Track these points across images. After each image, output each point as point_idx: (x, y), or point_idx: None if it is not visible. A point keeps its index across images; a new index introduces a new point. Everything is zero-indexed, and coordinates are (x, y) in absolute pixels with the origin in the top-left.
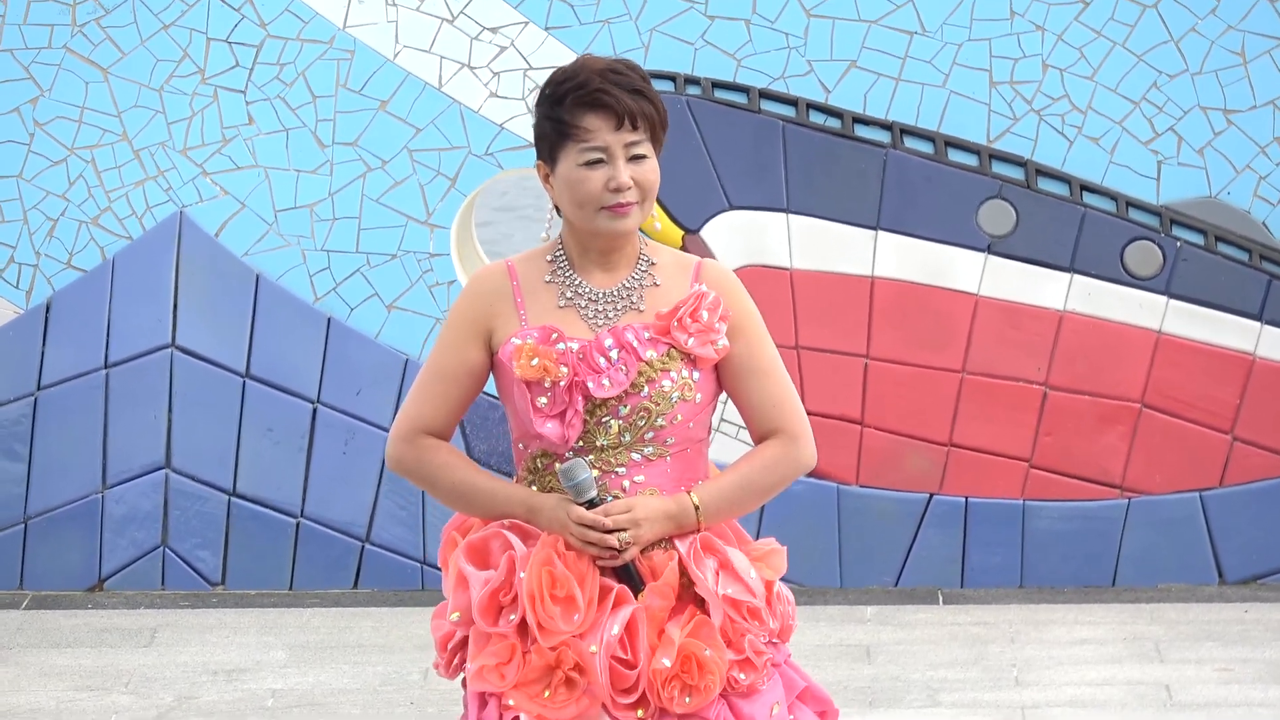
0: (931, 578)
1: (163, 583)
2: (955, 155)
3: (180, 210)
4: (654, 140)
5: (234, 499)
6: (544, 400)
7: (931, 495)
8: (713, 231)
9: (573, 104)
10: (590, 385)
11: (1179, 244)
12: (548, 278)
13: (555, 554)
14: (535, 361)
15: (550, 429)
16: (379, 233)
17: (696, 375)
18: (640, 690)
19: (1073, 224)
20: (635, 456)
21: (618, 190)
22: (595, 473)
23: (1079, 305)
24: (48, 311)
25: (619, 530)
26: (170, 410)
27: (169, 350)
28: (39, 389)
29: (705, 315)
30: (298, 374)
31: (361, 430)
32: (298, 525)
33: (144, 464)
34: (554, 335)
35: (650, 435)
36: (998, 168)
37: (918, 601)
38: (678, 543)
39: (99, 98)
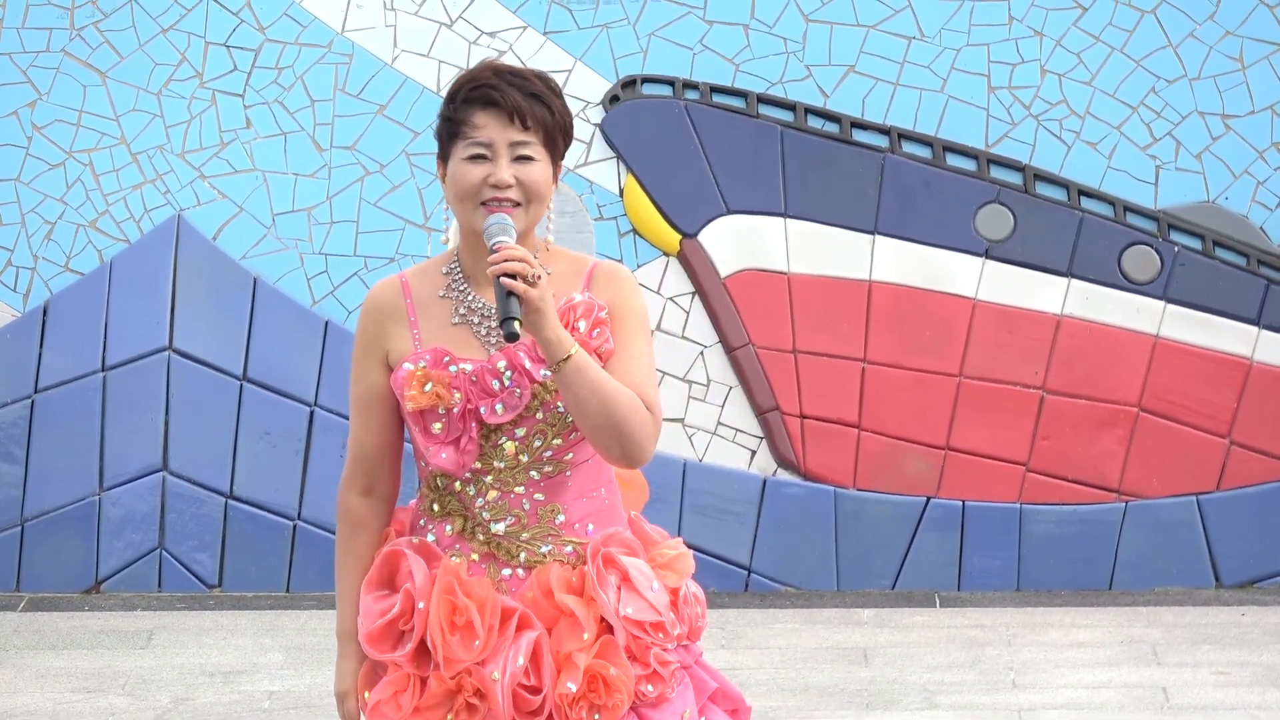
0: (929, 581)
1: (160, 585)
2: (953, 160)
3: (178, 213)
4: (549, 147)
5: (231, 501)
6: (439, 426)
7: (929, 499)
8: (710, 236)
9: (463, 100)
10: (483, 411)
11: (1176, 249)
12: (441, 292)
13: (456, 581)
14: (429, 387)
15: (445, 458)
16: (377, 236)
17: None
18: (546, 713)
19: (1070, 228)
20: (534, 475)
21: (496, 186)
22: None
23: (1076, 309)
24: (45, 314)
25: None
26: (167, 413)
27: (166, 353)
28: (36, 392)
29: (582, 325)
30: (295, 377)
31: None
32: (295, 528)
33: (141, 466)
34: (446, 358)
35: (549, 455)
36: (996, 172)
37: (915, 604)
38: (588, 560)
39: (97, 101)
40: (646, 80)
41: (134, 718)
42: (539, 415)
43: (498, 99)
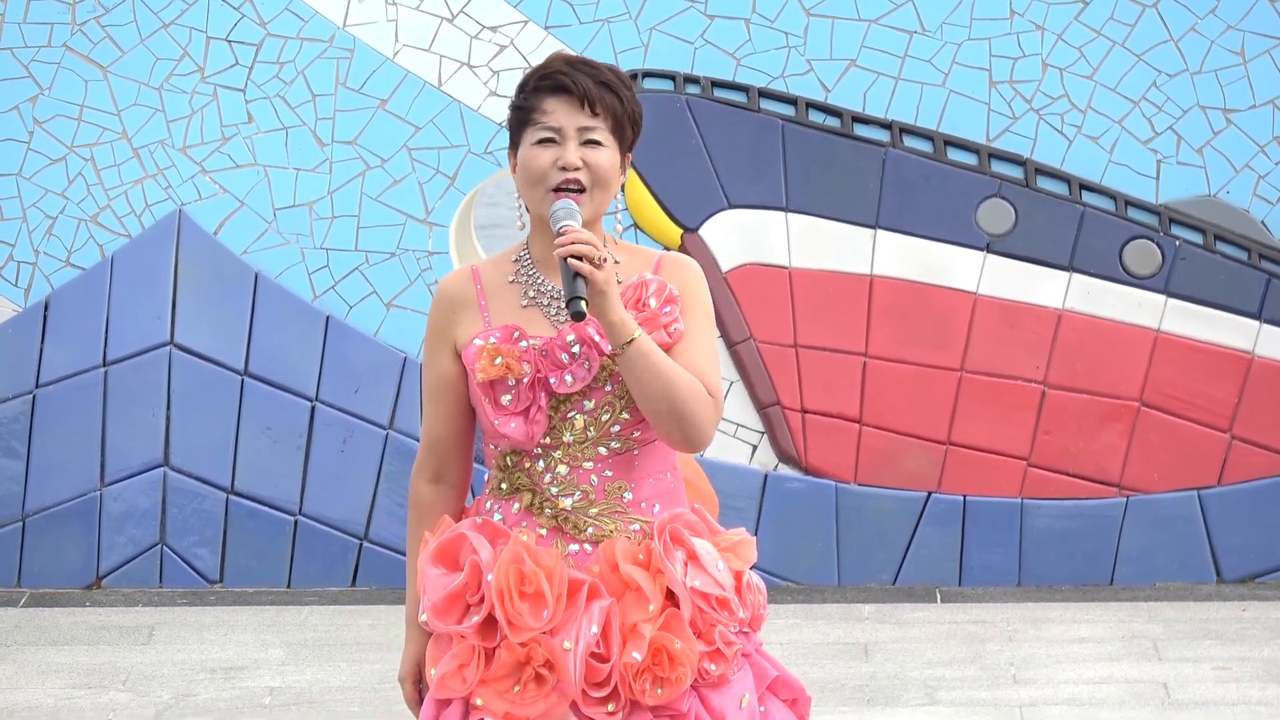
0: (930, 576)
1: (161, 580)
2: (954, 154)
3: (179, 208)
4: (617, 135)
5: (232, 497)
6: (508, 398)
7: (930, 494)
8: (712, 230)
9: (534, 88)
10: (552, 381)
11: (1178, 243)
12: (511, 278)
13: (525, 552)
14: (499, 360)
15: (514, 428)
16: (378, 231)
17: None
18: (612, 684)
19: (1072, 223)
20: (602, 451)
21: (564, 168)
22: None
23: (1078, 304)
24: (46, 309)
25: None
26: (169, 408)
27: (167, 348)
28: (37, 387)
29: (652, 302)
30: (296, 372)
31: (360, 428)
32: (296, 523)
33: (142, 462)
34: (516, 333)
35: (617, 429)
36: (997, 166)
37: (916, 600)
38: (654, 536)
39: (98, 96)
40: (647, 75)
41: (135, 714)
42: (607, 387)
43: (567, 85)
